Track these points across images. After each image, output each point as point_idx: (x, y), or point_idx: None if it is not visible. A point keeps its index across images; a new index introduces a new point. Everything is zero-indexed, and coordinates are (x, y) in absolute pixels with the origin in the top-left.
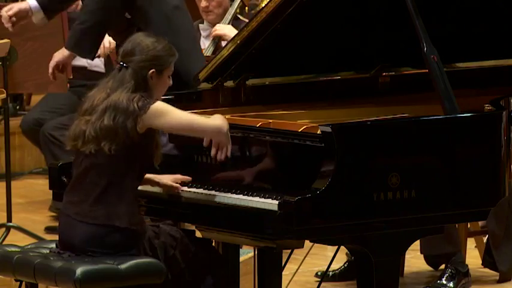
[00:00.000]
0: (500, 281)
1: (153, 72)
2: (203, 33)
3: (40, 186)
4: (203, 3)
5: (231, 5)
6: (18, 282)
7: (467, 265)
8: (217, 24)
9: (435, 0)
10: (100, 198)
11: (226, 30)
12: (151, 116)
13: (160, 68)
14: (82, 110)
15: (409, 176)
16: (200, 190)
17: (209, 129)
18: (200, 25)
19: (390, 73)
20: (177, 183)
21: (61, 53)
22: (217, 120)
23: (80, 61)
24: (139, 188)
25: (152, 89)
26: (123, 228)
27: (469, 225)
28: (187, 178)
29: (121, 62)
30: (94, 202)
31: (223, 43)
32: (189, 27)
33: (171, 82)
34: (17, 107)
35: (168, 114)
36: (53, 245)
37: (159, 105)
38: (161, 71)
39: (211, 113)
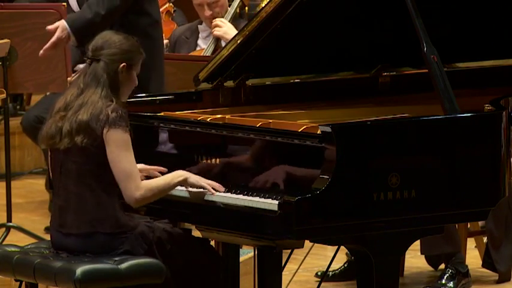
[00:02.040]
0: (499, 281)
1: (124, 66)
2: (202, 34)
3: (40, 186)
4: (207, 13)
5: (230, 5)
6: (18, 282)
7: (467, 266)
8: (217, 19)
9: (435, 0)
10: (78, 207)
11: (225, 29)
12: (111, 138)
13: (130, 62)
14: (56, 108)
15: (409, 176)
16: (200, 190)
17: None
18: (199, 26)
19: (390, 73)
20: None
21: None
22: (178, 176)
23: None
24: None
25: (122, 84)
26: (106, 233)
27: (469, 225)
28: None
29: (91, 56)
30: (74, 211)
31: (223, 43)
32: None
33: (137, 82)
34: (17, 107)
35: (121, 150)
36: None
37: (123, 137)
38: (131, 66)
39: (212, 113)
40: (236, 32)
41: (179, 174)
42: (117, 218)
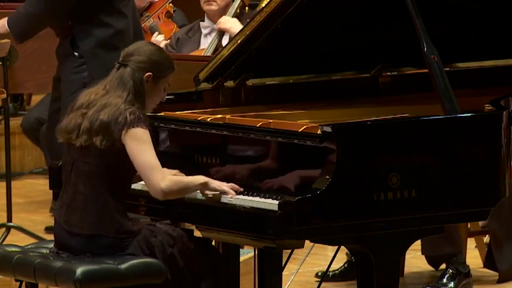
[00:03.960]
0: (500, 281)
1: (149, 75)
2: (204, 31)
3: (40, 186)
4: None
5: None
6: (18, 282)
7: (468, 266)
8: (222, 17)
9: (435, 0)
10: (84, 207)
11: (231, 23)
12: (130, 136)
13: (157, 74)
14: (77, 104)
15: (409, 176)
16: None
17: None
18: (201, 23)
19: (390, 73)
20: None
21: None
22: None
23: None
24: (139, 188)
25: (147, 94)
26: (110, 237)
27: (469, 225)
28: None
29: (121, 61)
30: (79, 211)
31: (225, 39)
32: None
33: (165, 97)
34: (17, 107)
35: (141, 146)
36: (53, 245)
37: (143, 133)
38: (158, 78)
39: (211, 113)
40: (241, 26)
41: (201, 177)
42: (121, 223)
